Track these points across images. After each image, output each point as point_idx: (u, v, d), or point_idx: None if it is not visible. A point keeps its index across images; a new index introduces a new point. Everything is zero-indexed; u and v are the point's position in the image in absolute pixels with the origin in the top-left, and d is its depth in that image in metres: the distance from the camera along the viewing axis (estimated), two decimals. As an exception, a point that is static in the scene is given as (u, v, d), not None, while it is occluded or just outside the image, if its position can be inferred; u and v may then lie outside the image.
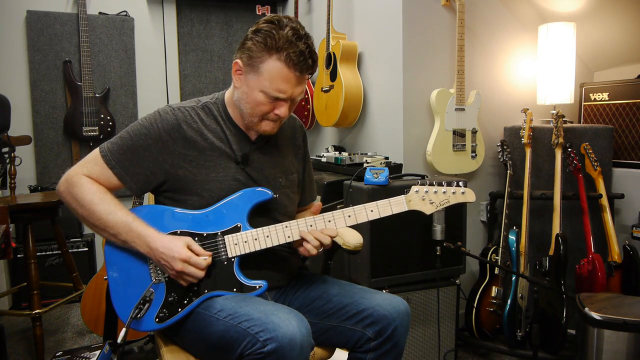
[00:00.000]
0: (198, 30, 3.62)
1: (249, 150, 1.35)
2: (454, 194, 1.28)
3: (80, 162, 1.30)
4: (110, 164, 1.27)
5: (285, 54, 1.19)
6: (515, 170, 2.43)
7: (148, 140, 1.27)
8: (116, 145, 1.28)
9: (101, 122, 3.20)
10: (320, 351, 1.35)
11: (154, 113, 1.30)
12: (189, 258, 1.20)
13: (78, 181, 1.26)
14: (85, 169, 1.28)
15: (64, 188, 1.27)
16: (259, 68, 1.22)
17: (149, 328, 1.26)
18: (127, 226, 1.23)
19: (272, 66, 1.21)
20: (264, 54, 1.21)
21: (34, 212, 2.35)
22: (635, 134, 2.44)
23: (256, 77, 1.23)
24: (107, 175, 1.28)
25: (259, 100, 1.25)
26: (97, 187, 1.27)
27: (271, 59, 1.21)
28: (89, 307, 2.32)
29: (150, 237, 1.23)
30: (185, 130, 1.28)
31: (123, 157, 1.27)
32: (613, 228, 2.28)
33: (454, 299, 2.12)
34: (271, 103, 1.25)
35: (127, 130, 1.30)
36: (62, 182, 1.28)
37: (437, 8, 2.42)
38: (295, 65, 1.21)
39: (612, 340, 1.76)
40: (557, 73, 2.43)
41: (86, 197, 1.24)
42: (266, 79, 1.22)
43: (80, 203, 1.25)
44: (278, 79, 1.22)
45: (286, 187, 1.41)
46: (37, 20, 3.11)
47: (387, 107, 2.52)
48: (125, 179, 1.28)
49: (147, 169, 1.28)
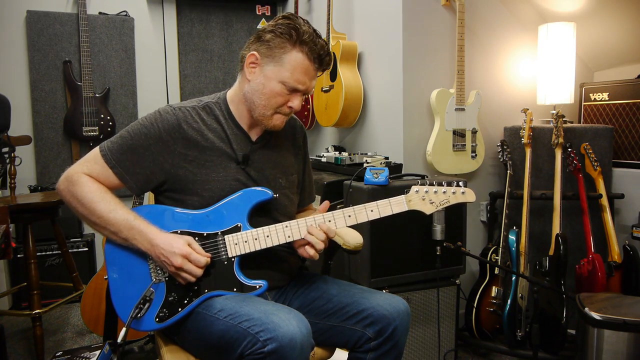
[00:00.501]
0: (198, 30, 3.62)
1: (249, 151, 1.35)
2: (454, 194, 1.28)
3: (80, 161, 1.29)
4: (110, 164, 1.27)
5: (309, 47, 1.25)
6: (515, 170, 2.43)
7: (148, 140, 1.27)
8: (116, 144, 1.28)
9: (101, 122, 3.20)
10: (321, 351, 1.35)
11: (155, 113, 1.30)
12: (189, 254, 1.20)
13: (78, 179, 1.26)
14: (85, 168, 1.28)
15: (64, 186, 1.27)
16: (282, 59, 1.25)
17: (149, 328, 1.26)
18: (129, 224, 1.23)
19: (295, 57, 1.25)
20: (287, 45, 1.25)
21: (34, 212, 2.35)
22: (635, 134, 2.44)
23: (277, 68, 1.26)
24: (107, 174, 1.27)
25: (276, 91, 1.27)
26: (97, 185, 1.26)
27: (295, 49, 1.25)
28: (89, 307, 2.32)
29: (151, 233, 1.23)
30: (185, 130, 1.28)
31: (123, 156, 1.27)
32: (613, 228, 2.28)
33: (454, 299, 2.12)
34: (287, 95, 1.28)
35: (127, 129, 1.29)
36: (62, 181, 1.27)
37: (437, 8, 2.42)
38: (316, 59, 1.26)
39: (612, 340, 1.76)
40: (557, 73, 2.43)
41: (86, 195, 1.24)
42: (287, 70, 1.25)
43: (80, 201, 1.25)
44: (299, 70, 1.25)
45: (286, 188, 1.41)
46: (37, 20, 3.11)
47: (387, 107, 2.52)
48: (125, 179, 1.28)
49: (147, 168, 1.28)
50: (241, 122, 1.35)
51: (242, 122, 1.35)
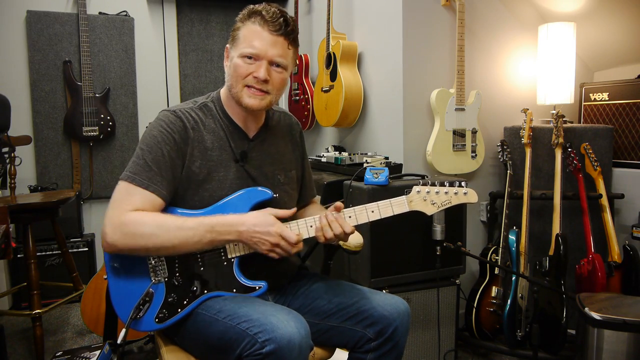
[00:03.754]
0: (198, 30, 3.61)
1: (247, 148, 1.35)
2: (456, 195, 1.27)
3: (112, 206, 1.20)
4: (144, 185, 1.21)
5: (260, 17, 1.26)
6: (515, 170, 2.43)
7: (164, 148, 1.24)
8: (138, 165, 1.23)
9: (101, 122, 3.20)
10: (321, 351, 1.35)
11: (158, 120, 1.28)
12: (283, 231, 1.20)
13: (129, 220, 1.17)
14: (123, 207, 1.19)
15: (118, 237, 1.16)
16: (237, 37, 1.29)
17: (148, 328, 1.26)
18: (206, 226, 1.19)
19: (246, 30, 1.28)
20: (240, 25, 1.29)
21: (34, 212, 2.35)
22: (635, 134, 2.44)
23: (236, 46, 1.29)
24: (145, 198, 1.21)
25: (237, 65, 1.28)
26: (147, 213, 1.20)
27: (245, 25, 1.28)
28: (89, 307, 2.32)
29: (236, 221, 1.20)
30: (189, 131, 1.28)
31: (150, 173, 1.22)
32: (613, 228, 2.27)
33: (454, 299, 2.12)
34: (248, 65, 1.27)
35: (140, 147, 1.25)
36: (111, 233, 1.17)
37: (437, 8, 2.42)
38: (267, 23, 1.26)
39: (612, 340, 1.75)
40: (557, 73, 2.43)
41: (150, 226, 1.17)
42: (242, 42, 1.27)
43: (147, 236, 1.17)
44: (251, 36, 1.26)
45: (285, 184, 1.42)
46: (37, 20, 3.11)
47: (387, 107, 2.52)
48: (162, 193, 1.23)
49: (171, 174, 1.25)
50: (236, 119, 1.35)
51: (237, 119, 1.35)
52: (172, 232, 1.18)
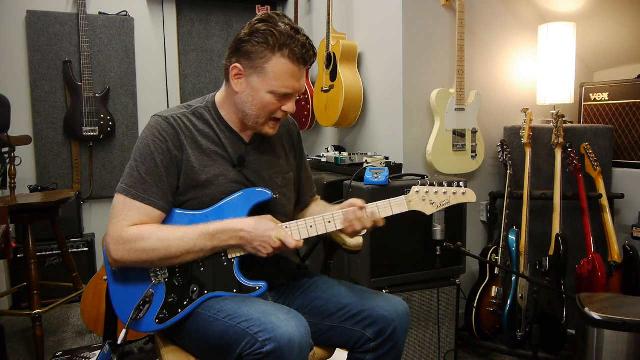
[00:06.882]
0: (198, 30, 3.61)
1: (244, 152, 1.35)
2: (455, 195, 1.28)
3: (112, 222, 1.20)
4: (140, 197, 1.20)
5: (289, 50, 1.21)
6: (515, 170, 2.43)
7: (157, 157, 1.23)
8: (133, 177, 1.22)
9: (101, 122, 3.20)
10: (320, 351, 1.35)
11: (149, 128, 1.26)
12: (283, 236, 1.21)
13: (129, 235, 1.18)
14: (123, 222, 1.19)
15: (122, 252, 1.18)
16: (264, 68, 1.23)
17: (149, 329, 1.26)
18: (207, 234, 1.20)
19: (277, 64, 1.22)
20: (267, 54, 1.22)
21: (34, 212, 2.35)
22: (635, 134, 2.44)
23: (262, 78, 1.24)
24: (143, 212, 1.21)
25: (267, 101, 1.25)
26: (149, 226, 1.20)
27: (275, 57, 1.22)
28: (89, 307, 2.32)
29: (238, 225, 1.21)
30: (182, 137, 1.27)
31: (145, 185, 1.22)
32: (613, 228, 2.27)
33: (454, 299, 2.12)
34: (279, 101, 1.26)
35: (133, 158, 1.24)
36: (114, 249, 1.18)
37: (437, 8, 2.42)
38: (299, 59, 1.23)
39: (612, 340, 1.76)
40: (557, 73, 2.43)
41: (151, 240, 1.18)
42: (273, 78, 1.23)
43: (149, 250, 1.18)
44: (285, 75, 1.23)
45: (283, 187, 1.42)
46: (37, 20, 3.11)
47: (387, 107, 2.52)
48: (159, 204, 1.23)
49: (166, 183, 1.25)
50: (233, 125, 1.34)
51: (234, 124, 1.34)
52: (174, 244, 1.19)
